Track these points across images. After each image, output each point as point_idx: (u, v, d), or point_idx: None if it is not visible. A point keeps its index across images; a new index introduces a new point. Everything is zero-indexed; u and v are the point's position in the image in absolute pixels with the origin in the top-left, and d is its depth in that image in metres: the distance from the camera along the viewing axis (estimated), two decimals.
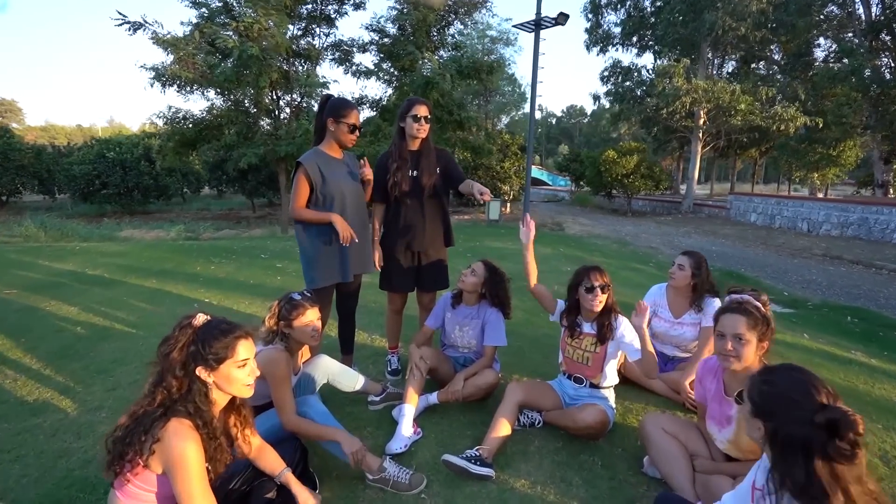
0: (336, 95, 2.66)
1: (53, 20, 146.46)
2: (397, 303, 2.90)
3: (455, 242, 2.87)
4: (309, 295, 2.13)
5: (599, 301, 2.19)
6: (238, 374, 1.47)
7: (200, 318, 1.41)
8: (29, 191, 18.36)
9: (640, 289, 5.45)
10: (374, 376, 2.92)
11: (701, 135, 17.70)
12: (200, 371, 1.40)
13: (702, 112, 16.96)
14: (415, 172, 2.64)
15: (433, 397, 2.42)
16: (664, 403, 2.63)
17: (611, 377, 2.26)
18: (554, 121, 71.01)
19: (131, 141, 16.21)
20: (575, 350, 2.30)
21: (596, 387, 2.27)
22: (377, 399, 2.45)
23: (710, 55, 18.18)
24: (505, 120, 49.71)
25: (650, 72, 19.66)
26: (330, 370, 2.31)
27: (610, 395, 2.30)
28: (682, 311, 2.71)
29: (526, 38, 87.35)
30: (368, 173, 2.56)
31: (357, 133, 2.48)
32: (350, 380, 2.33)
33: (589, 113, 69.95)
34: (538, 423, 2.32)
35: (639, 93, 18.65)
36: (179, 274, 5.57)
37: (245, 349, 1.49)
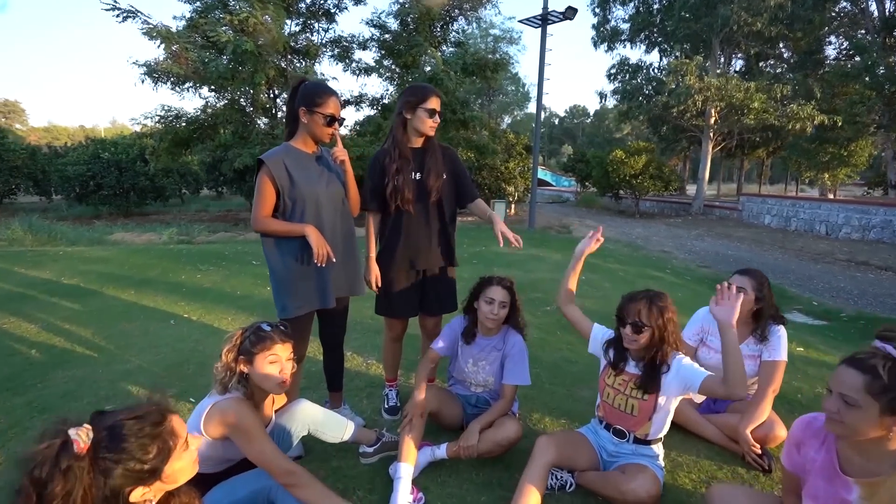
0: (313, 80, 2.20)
1: (55, 21, 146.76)
2: (397, 329, 2.44)
3: (457, 262, 2.42)
4: (283, 328, 1.69)
5: (633, 340, 1.74)
6: (184, 463, 1.05)
7: (83, 437, 0.88)
8: (24, 192, 18.01)
9: None
10: (368, 415, 2.47)
11: (712, 134, 17.18)
12: (136, 495, 0.96)
13: (713, 111, 16.45)
14: (418, 175, 2.19)
15: (441, 451, 1.97)
16: (718, 455, 2.17)
17: (663, 428, 1.80)
18: (557, 121, 70.59)
19: (127, 141, 15.83)
20: (617, 394, 1.83)
21: (643, 441, 1.81)
22: (370, 450, 2.00)
23: (720, 52, 17.66)
24: (507, 119, 49.29)
25: (659, 70, 19.17)
26: (312, 418, 1.86)
27: (659, 450, 1.85)
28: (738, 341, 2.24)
29: (530, 37, 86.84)
30: (341, 152, 2.03)
31: (336, 126, 2.00)
32: (337, 429, 1.89)
33: (592, 113, 69.56)
34: (570, 487, 1.86)
35: (647, 91, 18.14)
36: (161, 283, 5.14)
37: (182, 425, 1.07)
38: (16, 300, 4.36)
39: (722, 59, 18.18)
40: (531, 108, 50.90)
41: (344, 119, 2.10)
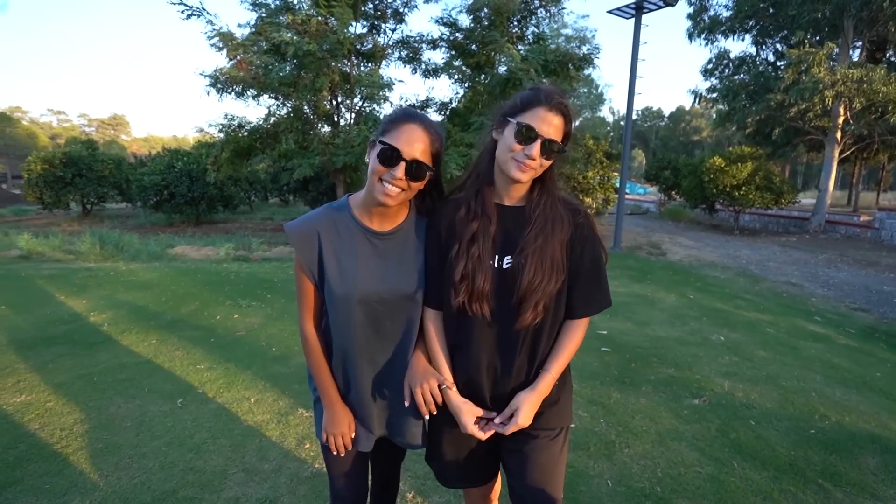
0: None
1: (156, 37, 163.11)
2: (475, 498, 1.45)
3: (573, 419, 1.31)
4: None
5: None
6: None
7: None
8: (111, 200, 19.08)
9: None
10: None
11: (839, 136, 14.31)
12: None
13: (841, 108, 13.67)
14: (504, 261, 1.16)
15: None
16: None
17: None
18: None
19: (198, 151, 16.10)
20: None
21: None
22: None
23: (855, 39, 14.68)
24: (574, 123, 46.68)
25: (767, 63, 16.43)
26: None
27: None
28: None
29: (603, 36, 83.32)
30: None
31: (403, 171, 1.08)
32: None
33: (667, 115, 64.88)
34: None
35: (753, 87, 15.53)
36: (191, 327, 4.31)
37: None
38: (24, 349, 3.68)
39: (855, 48, 15.16)
40: (603, 111, 48.03)
41: (426, 166, 1.12)
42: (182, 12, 8.53)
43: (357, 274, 1.18)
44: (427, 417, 1.23)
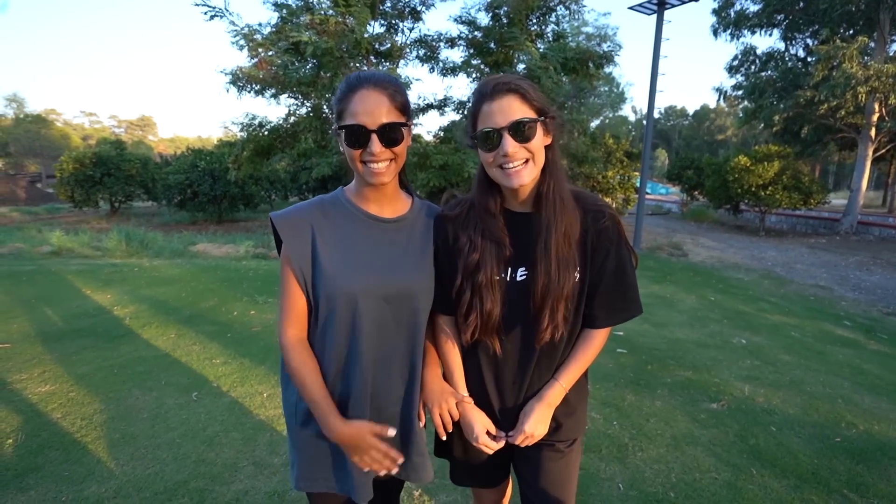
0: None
1: (181, 38, 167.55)
2: (488, 501, 1.40)
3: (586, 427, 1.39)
4: None
5: None
6: None
7: None
8: (138, 199, 19.63)
9: None
10: None
11: (873, 134, 13.74)
12: None
13: (876, 105, 13.12)
14: (517, 273, 1.08)
15: None
16: None
17: None
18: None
19: (220, 150, 16.44)
20: None
21: None
22: None
23: (891, 33, 14.08)
24: (595, 122, 46.02)
25: (800, 58, 15.83)
26: None
27: None
28: None
29: (625, 34, 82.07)
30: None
31: (376, 146, 0.98)
32: None
33: (690, 114, 63.38)
34: None
35: (781, 84, 15.03)
36: (209, 322, 4.40)
37: None
38: (50, 340, 3.82)
39: (893, 42, 14.51)
40: (625, 110, 47.25)
41: (398, 124, 1.00)
42: (205, 13, 8.71)
43: (362, 264, 1.05)
44: (444, 438, 1.19)
